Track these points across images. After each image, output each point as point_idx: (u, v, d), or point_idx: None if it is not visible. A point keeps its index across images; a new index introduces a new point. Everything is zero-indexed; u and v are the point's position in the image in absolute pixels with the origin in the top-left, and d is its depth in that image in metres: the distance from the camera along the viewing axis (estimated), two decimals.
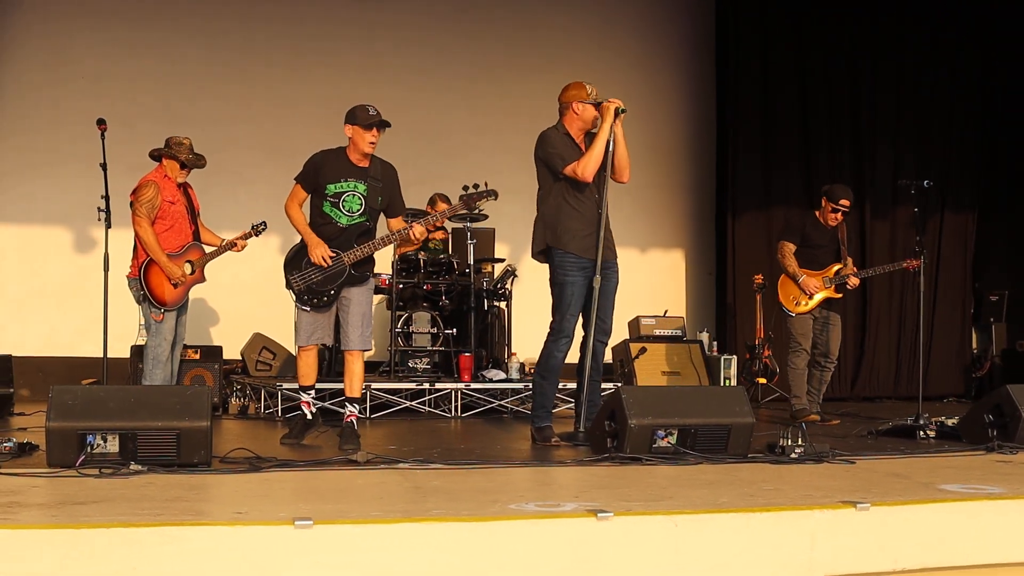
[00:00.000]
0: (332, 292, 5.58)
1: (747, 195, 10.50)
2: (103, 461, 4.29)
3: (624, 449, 4.78)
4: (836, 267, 7.40)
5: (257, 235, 6.51)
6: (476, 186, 5.74)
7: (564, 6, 10.70)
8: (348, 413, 5.63)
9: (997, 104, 10.68)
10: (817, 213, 7.50)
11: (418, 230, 5.59)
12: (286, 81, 9.88)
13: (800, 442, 4.93)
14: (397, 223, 5.73)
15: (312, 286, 5.58)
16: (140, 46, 9.57)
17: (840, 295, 7.50)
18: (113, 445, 4.35)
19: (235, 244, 6.45)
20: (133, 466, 4.24)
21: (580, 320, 5.71)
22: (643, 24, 10.92)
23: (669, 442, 4.85)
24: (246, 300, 9.14)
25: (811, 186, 10.56)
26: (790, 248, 7.42)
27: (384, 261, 8.54)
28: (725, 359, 9.34)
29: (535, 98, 10.40)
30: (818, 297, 7.31)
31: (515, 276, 8.37)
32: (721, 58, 10.69)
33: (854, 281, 7.40)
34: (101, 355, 8.86)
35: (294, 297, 5.69)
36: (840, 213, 7.35)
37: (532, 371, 8.39)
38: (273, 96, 9.84)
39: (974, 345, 10.66)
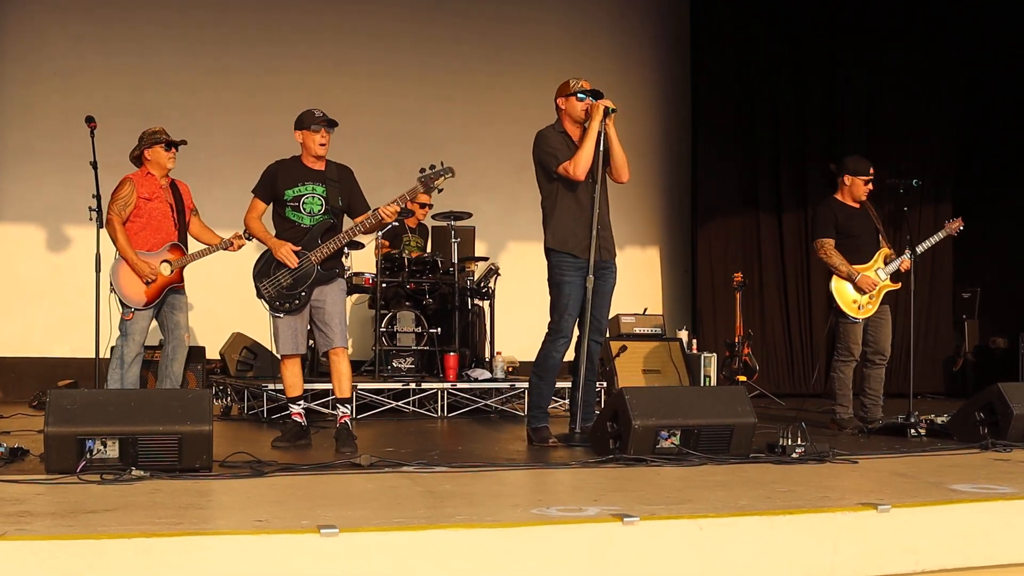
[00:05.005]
0: (303, 294, 5.52)
1: (721, 194, 10.56)
2: (103, 467, 4.20)
3: (628, 450, 4.76)
4: (883, 253, 6.79)
5: (250, 238, 6.37)
6: (432, 166, 5.64)
7: (541, 6, 10.68)
8: (341, 414, 5.55)
9: (974, 102, 10.78)
10: (839, 196, 6.81)
11: (388, 210, 5.46)
12: (262, 80, 9.76)
13: (800, 441, 4.95)
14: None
15: (283, 290, 5.52)
16: (115, 43, 9.42)
17: (899, 285, 6.78)
18: (113, 450, 4.26)
19: (231, 244, 6.30)
20: (135, 472, 4.14)
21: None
22: (620, 23, 10.94)
23: (673, 443, 4.84)
24: (224, 300, 9.00)
25: (781, 185, 10.63)
26: (831, 244, 6.68)
27: (368, 260, 8.49)
28: (705, 357, 9.36)
29: (512, 98, 10.41)
30: (880, 295, 6.71)
31: (498, 274, 8.33)
32: (696, 58, 10.72)
33: (906, 264, 6.70)
34: (75, 356, 8.75)
35: (267, 306, 5.62)
36: (871, 183, 6.74)
37: (511, 370, 8.41)
38: (250, 95, 9.72)
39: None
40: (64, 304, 8.76)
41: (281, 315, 5.56)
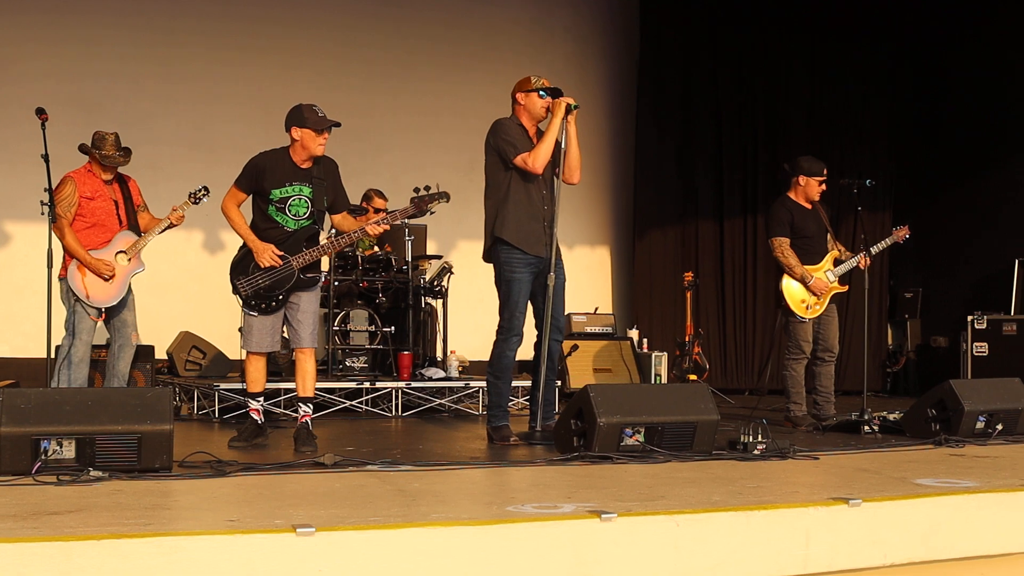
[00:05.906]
0: (280, 297, 5.43)
1: (666, 193, 10.60)
2: (59, 467, 4.09)
3: (593, 448, 4.75)
4: (832, 255, 6.85)
5: (196, 203, 6.26)
6: (427, 188, 5.62)
7: (492, 5, 10.63)
8: (302, 414, 5.48)
9: (908, 104, 10.96)
10: (792, 196, 6.82)
11: (374, 230, 5.47)
12: (208, 76, 9.54)
13: (761, 438, 4.99)
14: (341, 219, 5.60)
15: (260, 291, 5.41)
16: (58, 31, 9.14)
17: (847, 287, 6.90)
18: (69, 451, 4.14)
19: (171, 223, 6.19)
20: (92, 472, 4.03)
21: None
22: (572, 24, 10.92)
23: (638, 440, 4.84)
24: (169, 298, 8.81)
25: (722, 185, 10.69)
26: (787, 243, 6.68)
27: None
28: (656, 356, 9.41)
29: (461, 96, 10.34)
30: (827, 297, 6.78)
31: (451, 273, 8.28)
32: (643, 57, 10.75)
33: (865, 261, 6.76)
34: (15, 355, 8.50)
35: (241, 302, 5.52)
36: (824, 184, 6.79)
37: (462, 369, 8.36)
38: (194, 91, 9.49)
39: (889, 341, 10.94)
40: (2, 302, 8.50)
41: (255, 314, 5.45)
